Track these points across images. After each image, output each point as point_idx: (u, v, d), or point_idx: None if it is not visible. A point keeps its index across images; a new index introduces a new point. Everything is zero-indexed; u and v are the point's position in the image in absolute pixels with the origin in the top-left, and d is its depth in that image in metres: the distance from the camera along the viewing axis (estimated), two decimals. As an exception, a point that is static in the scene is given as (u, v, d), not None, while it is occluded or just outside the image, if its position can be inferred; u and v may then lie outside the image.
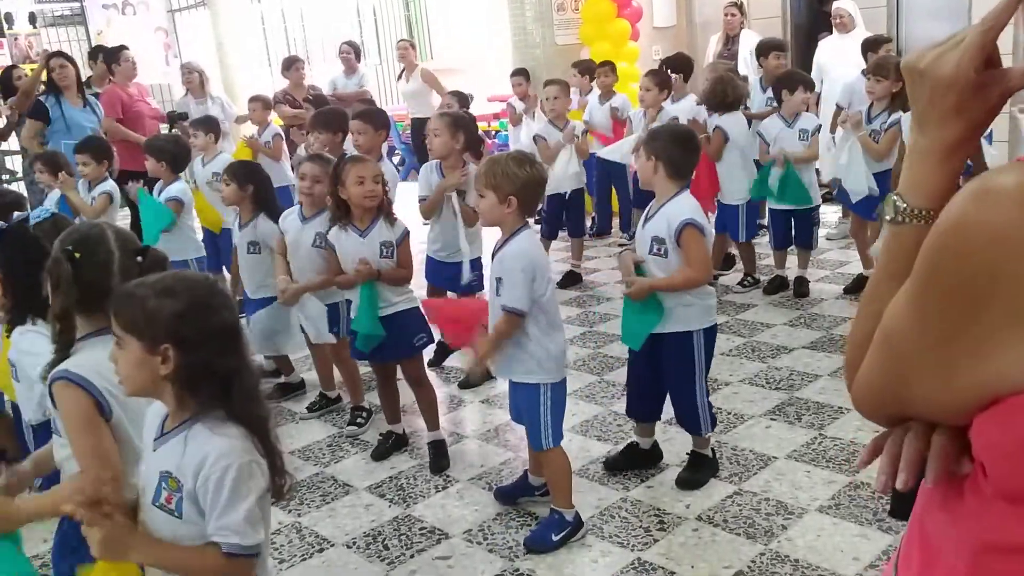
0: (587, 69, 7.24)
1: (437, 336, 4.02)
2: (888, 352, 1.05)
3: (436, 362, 4.83)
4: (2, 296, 2.38)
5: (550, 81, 6.29)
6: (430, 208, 4.52)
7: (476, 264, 4.59)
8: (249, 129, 7.19)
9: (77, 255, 2.00)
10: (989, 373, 0.92)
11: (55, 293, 2.01)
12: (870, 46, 6.22)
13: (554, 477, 3.18)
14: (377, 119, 4.81)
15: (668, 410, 3.54)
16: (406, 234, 3.71)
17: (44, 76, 6.74)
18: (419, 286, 4.25)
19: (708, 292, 3.38)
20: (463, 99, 6.69)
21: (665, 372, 3.41)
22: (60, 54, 6.90)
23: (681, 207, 3.28)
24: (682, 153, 3.33)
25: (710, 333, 3.37)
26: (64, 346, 2.01)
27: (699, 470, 3.48)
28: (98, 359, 1.93)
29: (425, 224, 4.78)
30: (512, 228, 3.05)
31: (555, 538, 3.10)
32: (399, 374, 3.94)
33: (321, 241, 3.94)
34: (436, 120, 4.61)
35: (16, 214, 2.21)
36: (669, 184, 3.32)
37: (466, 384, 4.61)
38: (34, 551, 3.37)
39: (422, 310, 3.72)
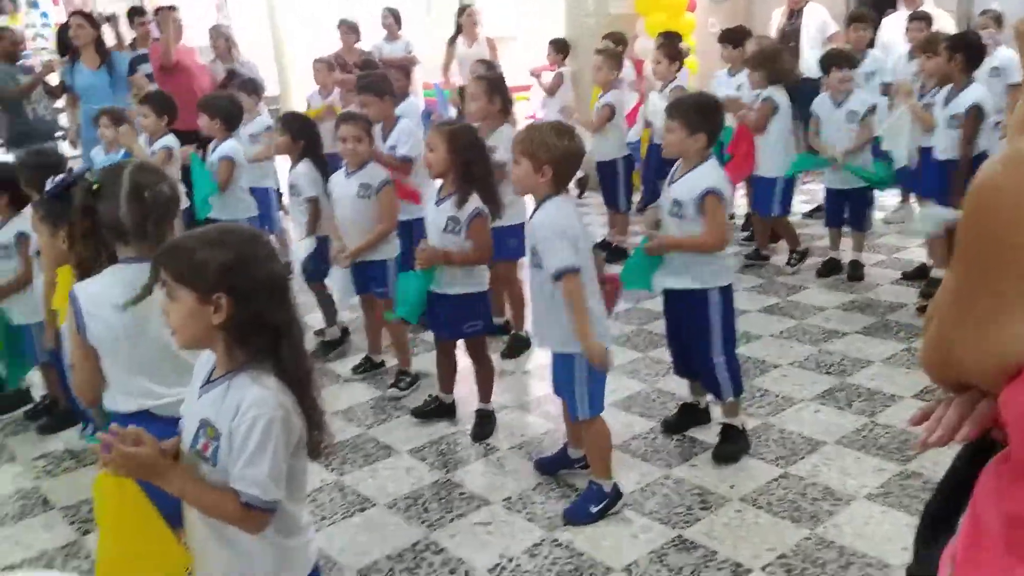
0: (619, 40, 7.17)
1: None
2: (937, 315, 1.07)
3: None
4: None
5: (599, 51, 6.20)
6: None
7: (518, 230, 4.52)
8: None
9: (96, 187, 2.17)
10: (1008, 339, 0.93)
11: (73, 220, 2.23)
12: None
13: (593, 447, 3.15)
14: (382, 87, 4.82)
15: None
16: (475, 214, 3.51)
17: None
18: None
19: (724, 252, 3.42)
20: (491, 68, 6.63)
21: (683, 330, 3.46)
22: (78, 13, 6.92)
23: (706, 175, 3.31)
24: (711, 121, 3.34)
25: (726, 292, 3.39)
26: (83, 270, 2.24)
27: (733, 442, 3.46)
28: (103, 285, 2.20)
29: None
30: (542, 196, 2.99)
31: (593, 510, 3.07)
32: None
33: (366, 192, 4.08)
34: (473, 84, 4.57)
35: (79, 167, 2.37)
36: (697, 151, 3.32)
37: (508, 354, 4.59)
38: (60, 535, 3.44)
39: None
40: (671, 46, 6.21)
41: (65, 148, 7.26)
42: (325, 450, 1.85)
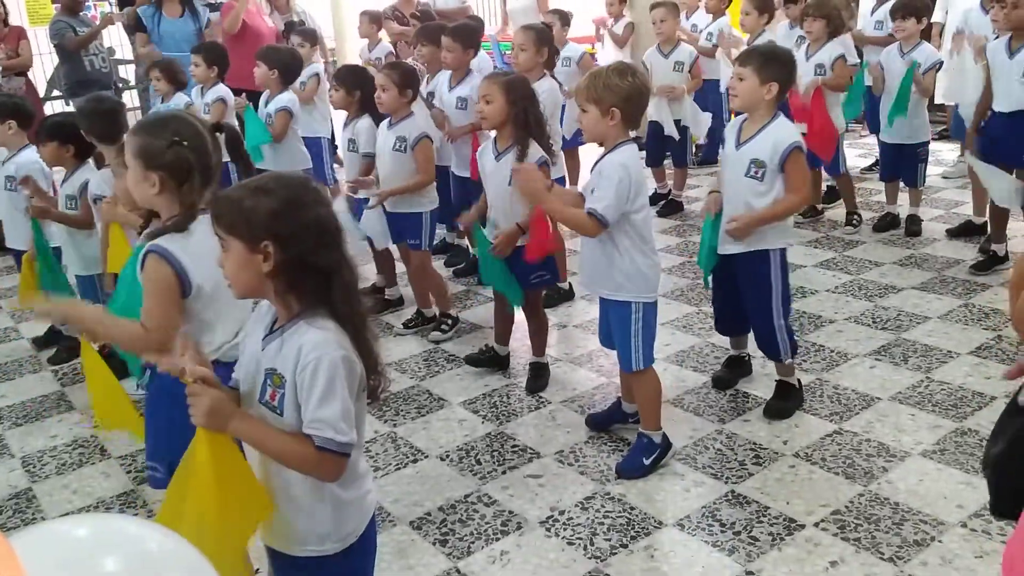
0: None
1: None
2: None
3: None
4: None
5: (657, 4, 6.05)
6: None
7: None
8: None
9: (185, 142, 2.08)
10: None
11: (185, 183, 2.12)
12: None
13: (644, 398, 3.16)
14: (467, 36, 4.79)
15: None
16: (541, 163, 3.49)
17: None
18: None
19: None
20: (564, 17, 6.51)
21: (742, 293, 3.40)
22: None
23: (787, 130, 3.25)
24: (784, 71, 3.25)
25: (784, 252, 3.36)
26: (180, 229, 2.12)
27: (786, 399, 3.45)
28: (201, 237, 2.07)
29: None
30: (614, 142, 2.97)
31: (646, 462, 3.09)
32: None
33: (401, 145, 4.12)
34: (521, 35, 4.57)
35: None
36: (767, 104, 3.24)
37: (550, 303, 4.54)
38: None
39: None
40: None
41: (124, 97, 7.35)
42: (382, 395, 1.83)
